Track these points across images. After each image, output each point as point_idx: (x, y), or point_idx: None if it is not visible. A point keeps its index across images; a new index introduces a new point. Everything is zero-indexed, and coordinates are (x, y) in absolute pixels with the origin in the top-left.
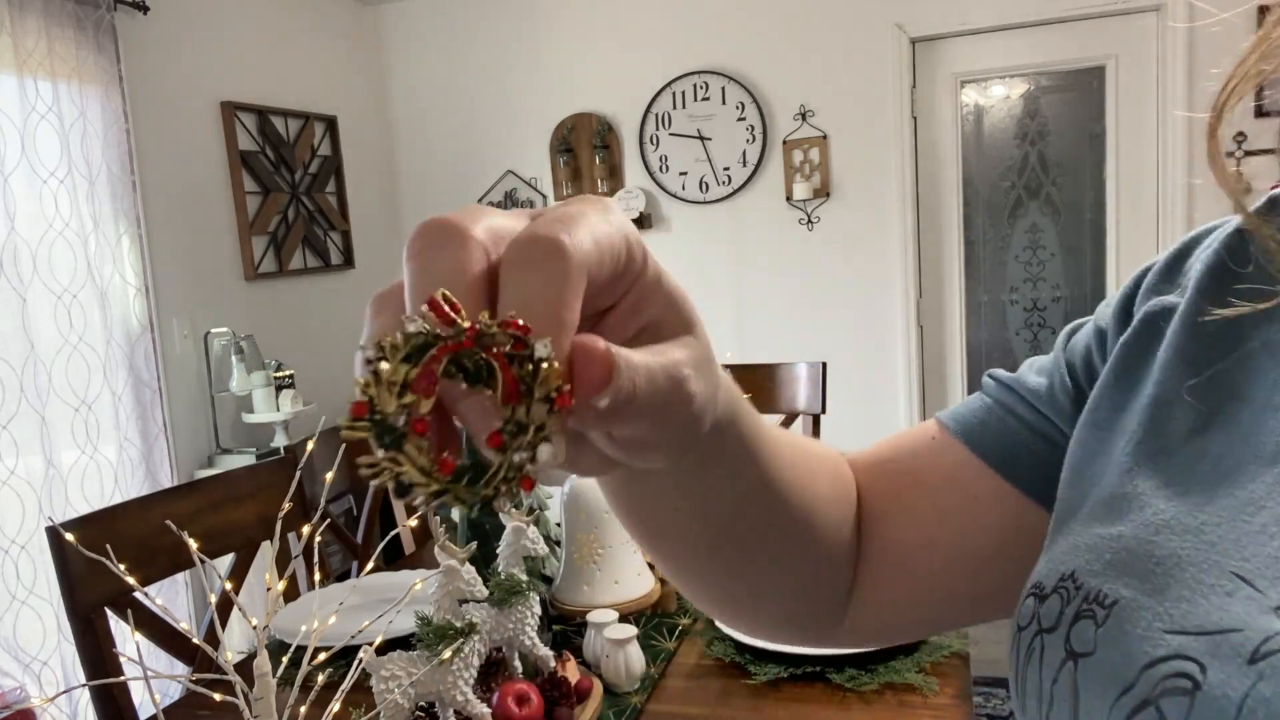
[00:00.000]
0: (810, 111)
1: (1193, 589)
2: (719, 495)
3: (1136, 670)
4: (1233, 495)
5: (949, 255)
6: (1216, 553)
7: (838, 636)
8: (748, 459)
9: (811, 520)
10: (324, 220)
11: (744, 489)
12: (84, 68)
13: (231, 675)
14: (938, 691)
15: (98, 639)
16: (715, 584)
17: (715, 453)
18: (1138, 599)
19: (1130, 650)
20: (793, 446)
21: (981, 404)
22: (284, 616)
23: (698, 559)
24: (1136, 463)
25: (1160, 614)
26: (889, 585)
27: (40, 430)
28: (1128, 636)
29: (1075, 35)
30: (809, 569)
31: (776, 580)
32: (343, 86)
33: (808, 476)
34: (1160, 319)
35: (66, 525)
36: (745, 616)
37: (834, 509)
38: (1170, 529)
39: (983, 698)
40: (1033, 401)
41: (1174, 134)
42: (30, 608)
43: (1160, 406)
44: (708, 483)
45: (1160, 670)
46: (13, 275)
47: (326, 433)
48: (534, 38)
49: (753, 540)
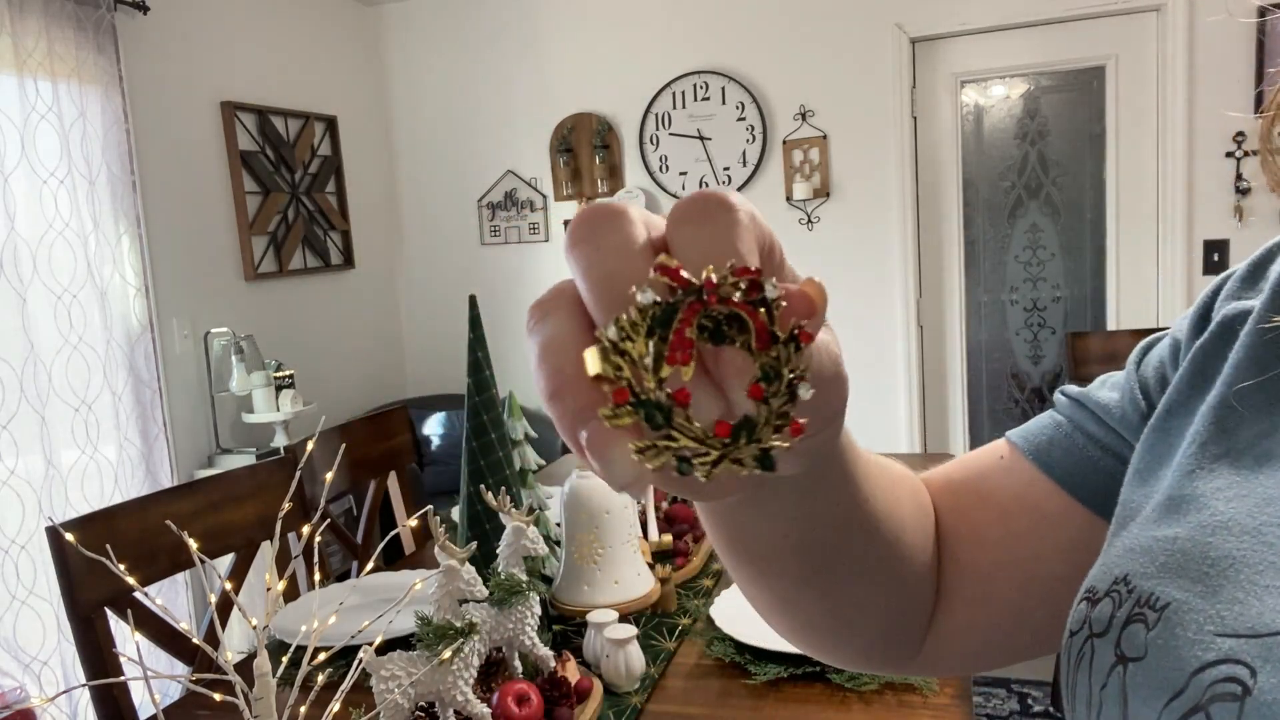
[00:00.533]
0: (810, 111)
1: (1246, 590)
2: (825, 519)
3: (1187, 675)
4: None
5: (949, 255)
6: (1274, 553)
7: (913, 665)
8: (850, 480)
9: (899, 544)
10: (324, 220)
11: (845, 513)
12: (84, 68)
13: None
14: (938, 691)
15: (98, 639)
16: (806, 613)
17: (826, 472)
18: (1190, 601)
19: (1181, 654)
20: (880, 468)
21: (1051, 421)
22: (284, 616)
23: (795, 588)
24: (1199, 464)
25: (1212, 616)
26: (963, 611)
27: (40, 430)
28: (1178, 640)
29: (1075, 35)
30: (896, 596)
31: (866, 608)
32: (343, 86)
33: (894, 500)
34: (1236, 323)
35: (66, 525)
36: (830, 646)
37: (917, 534)
38: (1228, 530)
39: (983, 698)
40: (1103, 417)
41: (1174, 134)
42: (30, 608)
43: (1226, 409)
44: (816, 506)
45: (1210, 675)
46: (13, 275)
47: (326, 433)
48: (534, 38)
49: (847, 568)
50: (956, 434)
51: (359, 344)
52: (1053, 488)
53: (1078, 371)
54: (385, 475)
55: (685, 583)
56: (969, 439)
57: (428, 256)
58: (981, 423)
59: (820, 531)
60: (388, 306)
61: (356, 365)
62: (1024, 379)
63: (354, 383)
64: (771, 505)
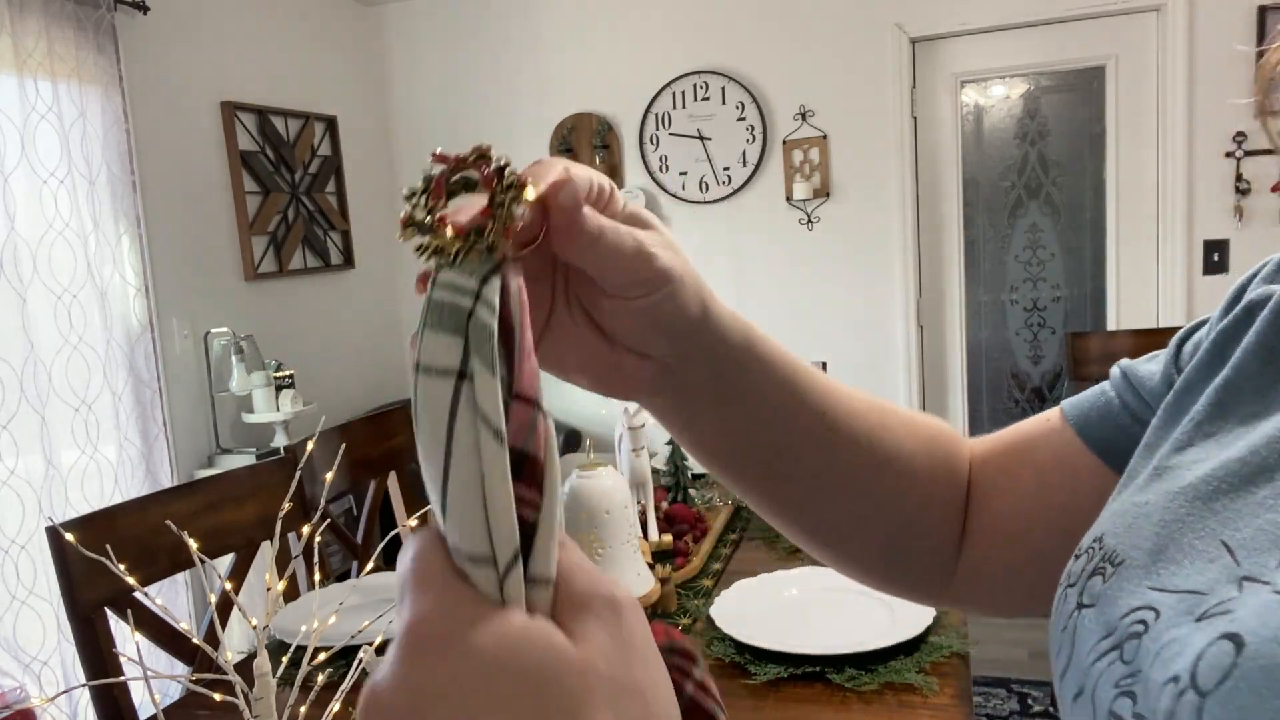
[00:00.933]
0: (810, 111)
1: (1185, 553)
2: (763, 421)
3: (1117, 619)
4: (1255, 469)
5: (949, 255)
6: (1217, 521)
7: (944, 596)
8: (783, 387)
9: (887, 467)
10: (324, 220)
11: (789, 420)
12: (84, 68)
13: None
14: (938, 691)
15: (98, 639)
16: (788, 513)
17: (740, 372)
18: (1138, 558)
19: (1119, 603)
20: (867, 401)
21: (1099, 390)
22: (284, 616)
23: (761, 486)
24: (1190, 440)
25: (1151, 572)
26: (997, 555)
27: (40, 430)
28: (1120, 591)
29: (1075, 35)
30: (893, 517)
31: (859, 523)
32: (343, 86)
33: (880, 428)
34: (1259, 307)
35: (66, 525)
36: (832, 552)
37: (918, 463)
38: (1184, 496)
39: (983, 698)
40: (1138, 388)
41: (1174, 134)
42: (30, 608)
43: (1228, 390)
44: (748, 407)
45: (1130, 618)
46: (13, 275)
47: (326, 433)
48: (534, 38)
49: (815, 474)
50: None
51: (359, 344)
52: (1084, 450)
53: (1078, 371)
54: (385, 475)
55: (685, 583)
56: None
57: None
58: (981, 423)
59: (762, 434)
60: (388, 306)
61: (356, 365)
62: (1024, 379)
63: (354, 383)
64: (697, 404)
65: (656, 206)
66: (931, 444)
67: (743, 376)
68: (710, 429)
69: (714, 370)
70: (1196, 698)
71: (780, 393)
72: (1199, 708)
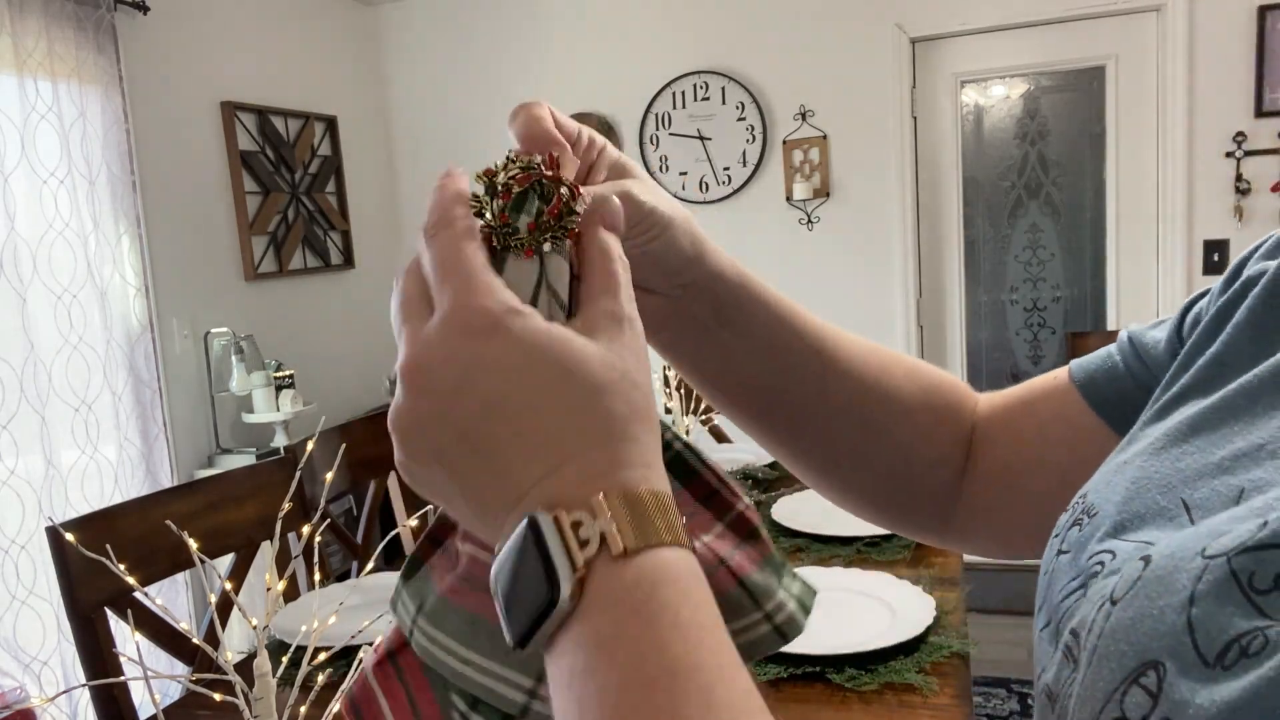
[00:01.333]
0: (810, 111)
1: (1149, 508)
2: (760, 353)
3: (1084, 561)
4: (1223, 432)
5: (949, 255)
6: (1179, 479)
7: (944, 533)
8: (778, 321)
9: (884, 404)
10: (324, 220)
11: (785, 352)
12: (84, 68)
13: (231, 675)
14: (938, 691)
15: (98, 639)
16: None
17: (736, 306)
18: (1109, 510)
19: (1088, 548)
20: (865, 344)
21: (1106, 352)
22: (284, 616)
23: (763, 417)
24: (1174, 406)
25: (1117, 523)
26: (996, 499)
27: (40, 430)
28: (1091, 539)
29: (1075, 35)
30: (889, 451)
31: (851, 452)
32: (343, 86)
33: (878, 367)
34: (1253, 283)
35: (66, 525)
36: (830, 480)
37: (916, 401)
38: (1158, 457)
39: (983, 698)
40: (1143, 355)
41: (1174, 134)
42: (30, 608)
43: (1216, 365)
44: (745, 339)
45: (1093, 560)
46: (13, 275)
47: (326, 433)
48: (534, 38)
49: (812, 405)
50: None
51: (359, 344)
52: (1088, 410)
53: None
54: (385, 475)
55: None
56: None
57: None
58: None
59: (763, 367)
60: (388, 306)
61: (356, 365)
62: (1024, 379)
63: (354, 383)
64: (698, 340)
65: None
66: (932, 389)
67: (739, 310)
68: (712, 361)
69: (711, 303)
70: (1110, 606)
71: (776, 326)
72: (1109, 614)
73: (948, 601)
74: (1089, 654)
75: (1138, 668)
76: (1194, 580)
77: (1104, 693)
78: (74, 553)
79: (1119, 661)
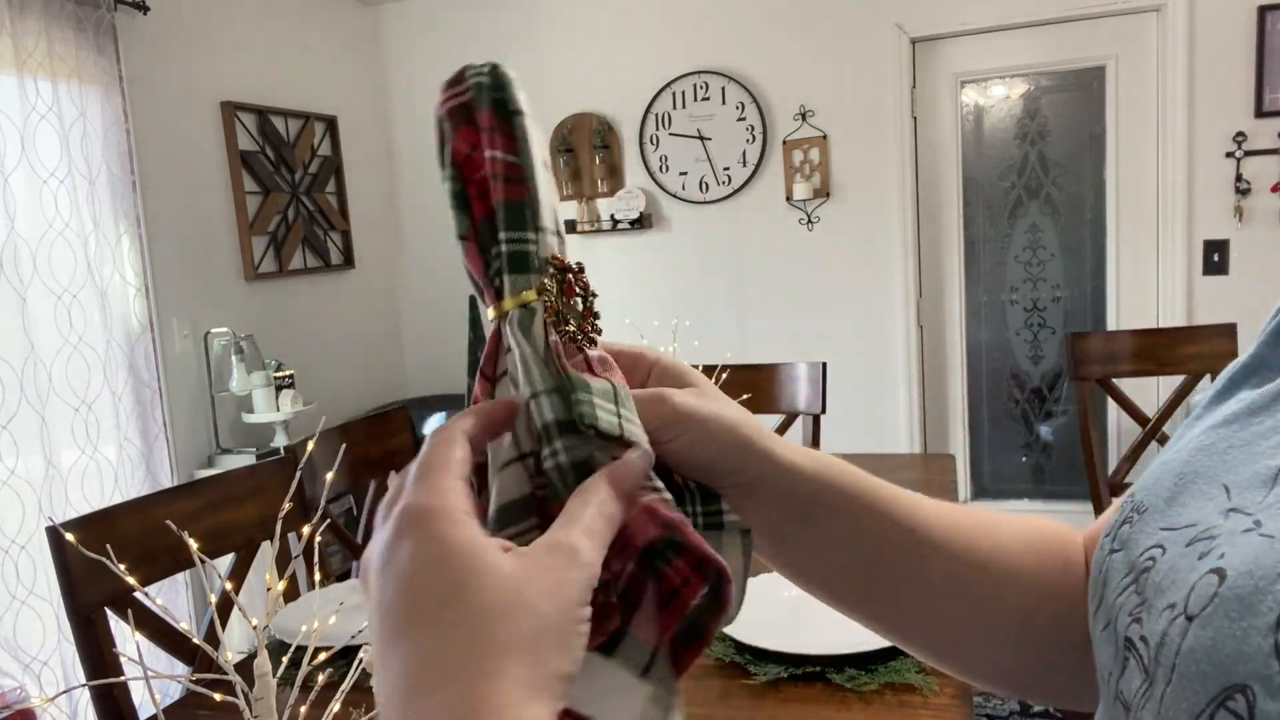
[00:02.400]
0: (810, 111)
1: (1194, 496)
2: (845, 541)
3: (1136, 556)
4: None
5: (949, 255)
6: (1224, 467)
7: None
8: (863, 506)
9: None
10: (324, 220)
11: (874, 536)
12: (84, 68)
13: (231, 675)
14: (938, 691)
15: (98, 639)
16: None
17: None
18: (1158, 505)
19: (1140, 544)
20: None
21: None
22: (284, 616)
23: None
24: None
25: (1165, 515)
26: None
27: (40, 430)
28: (1142, 534)
29: (1075, 35)
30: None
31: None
32: (343, 86)
33: (973, 528)
34: None
35: (66, 525)
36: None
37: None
38: (1204, 451)
39: (983, 698)
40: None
41: (1174, 134)
42: (30, 608)
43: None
44: (827, 529)
45: (1144, 555)
46: (13, 275)
47: (326, 432)
48: (534, 38)
49: (911, 586)
50: (956, 434)
51: (359, 344)
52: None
53: (1078, 372)
54: (385, 475)
55: None
56: (969, 439)
57: (428, 256)
58: (981, 423)
59: (851, 555)
60: (388, 306)
61: (356, 365)
62: (1024, 379)
63: (354, 383)
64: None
65: (656, 206)
66: (1036, 538)
67: (817, 505)
68: (799, 557)
69: (781, 502)
70: (1185, 622)
71: (862, 515)
72: (1185, 630)
73: None
74: (1167, 671)
75: (1223, 691)
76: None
77: (1188, 713)
78: (74, 553)
79: (1202, 683)
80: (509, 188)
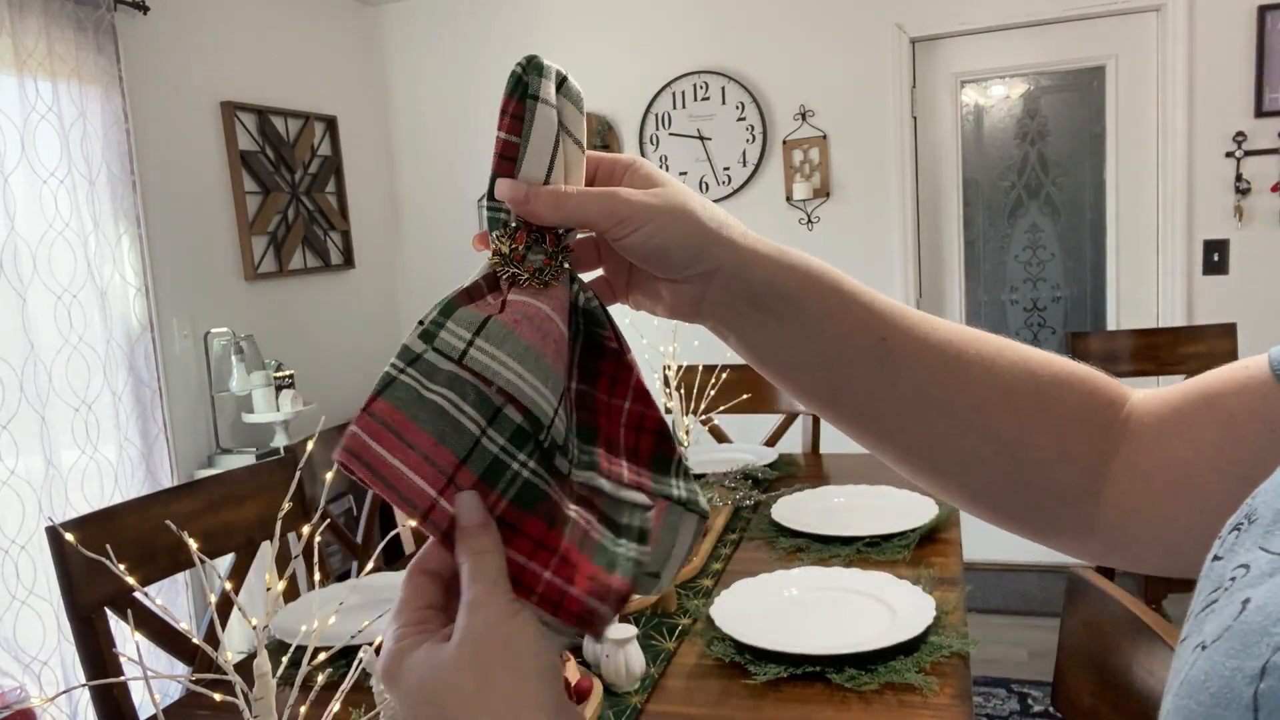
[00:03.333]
0: (810, 111)
1: None
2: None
3: (1227, 570)
4: None
5: (949, 255)
6: None
7: (1089, 544)
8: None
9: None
10: (324, 220)
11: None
12: (84, 68)
13: (231, 675)
14: (938, 691)
15: (98, 639)
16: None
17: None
18: (1267, 517)
19: (1237, 557)
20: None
21: None
22: (284, 616)
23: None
24: None
25: (1270, 532)
26: (1168, 504)
27: (40, 430)
28: (1241, 547)
29: (1075, 35)
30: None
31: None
32: (343, 86)
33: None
34: None
35: (66, 525)
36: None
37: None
38: None
39: (983, 698)
40: None
41: (1174, 134)
42: (30, 608)
43: None
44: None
45: (1231, 574)
46: (13, 275)
47: (326, 433)
48: (534, 38)
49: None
50: None
51: (359, 344)
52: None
53: None
54: None
55: (685, 583)
56: None
57: (428, 256)
58: None
59: (815, 350)
60: (388, 306)
61: (356, 365)
62: None
63: (354, 383)
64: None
65: None
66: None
67: (780, 297)
68: (763, 347)
69: (743, 290)
70: (1200, 651)
71: (831, 313)
72: (1195, 660)
73: (948, 601)
74: (1172, 697)
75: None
76: (1272, 649)
77: None
78: (74, 553)
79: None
80: (500, 164)
